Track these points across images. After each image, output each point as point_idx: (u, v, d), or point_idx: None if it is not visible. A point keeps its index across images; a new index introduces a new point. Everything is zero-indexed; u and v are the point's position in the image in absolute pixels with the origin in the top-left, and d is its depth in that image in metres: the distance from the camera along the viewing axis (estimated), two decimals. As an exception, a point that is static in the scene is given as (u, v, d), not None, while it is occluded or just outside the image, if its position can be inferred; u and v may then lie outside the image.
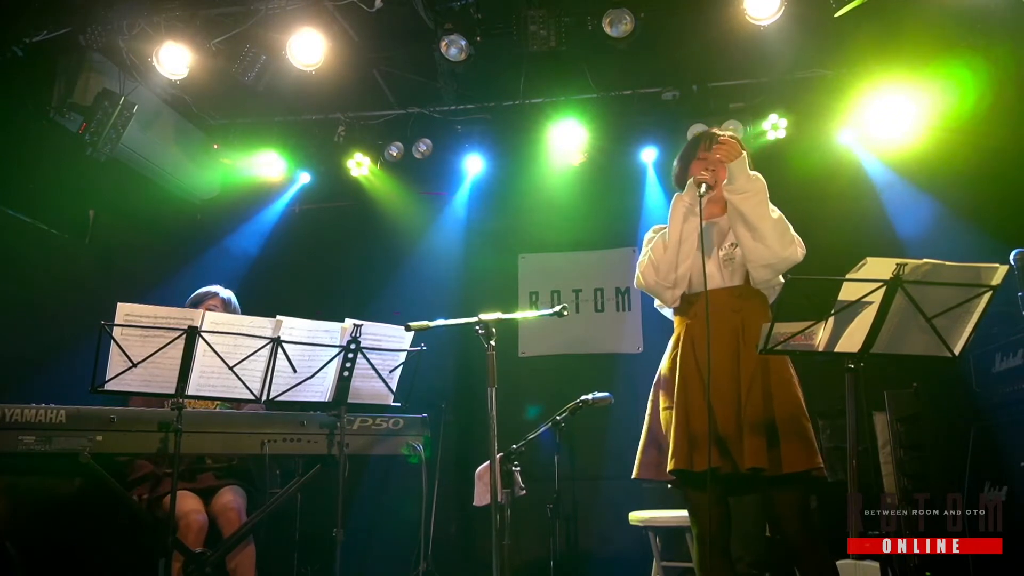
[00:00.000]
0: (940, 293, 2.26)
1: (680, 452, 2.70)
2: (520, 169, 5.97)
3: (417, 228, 6.25)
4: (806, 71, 5.29)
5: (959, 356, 2.37)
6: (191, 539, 3.51)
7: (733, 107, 5.45)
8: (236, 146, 5.83)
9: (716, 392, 2.70)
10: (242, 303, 4.21)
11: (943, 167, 5.03)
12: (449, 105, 5.61)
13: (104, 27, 4.44)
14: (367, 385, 3.51)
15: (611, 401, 3.51)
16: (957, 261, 2.27)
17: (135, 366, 3.07)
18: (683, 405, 2.75)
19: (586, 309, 6.17)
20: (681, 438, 2.71)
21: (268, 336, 3.27)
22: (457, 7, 4.34)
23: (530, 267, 6.32)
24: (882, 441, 4.84)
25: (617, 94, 5.51)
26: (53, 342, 4.55)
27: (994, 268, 2.23)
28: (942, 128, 5.06)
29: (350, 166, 5.88)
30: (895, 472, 4.71)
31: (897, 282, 2.22)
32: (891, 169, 5.31)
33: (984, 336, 4.65)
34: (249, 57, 4.50)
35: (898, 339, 2.34)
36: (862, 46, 4.98)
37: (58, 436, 3.11)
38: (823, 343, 2.36)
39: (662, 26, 4.71)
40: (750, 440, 2.65)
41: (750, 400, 2.70)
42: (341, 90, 5.36)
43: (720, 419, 2.69)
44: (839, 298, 2.29)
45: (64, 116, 4.66)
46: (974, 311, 2.29)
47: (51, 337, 4.59)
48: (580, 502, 5.12)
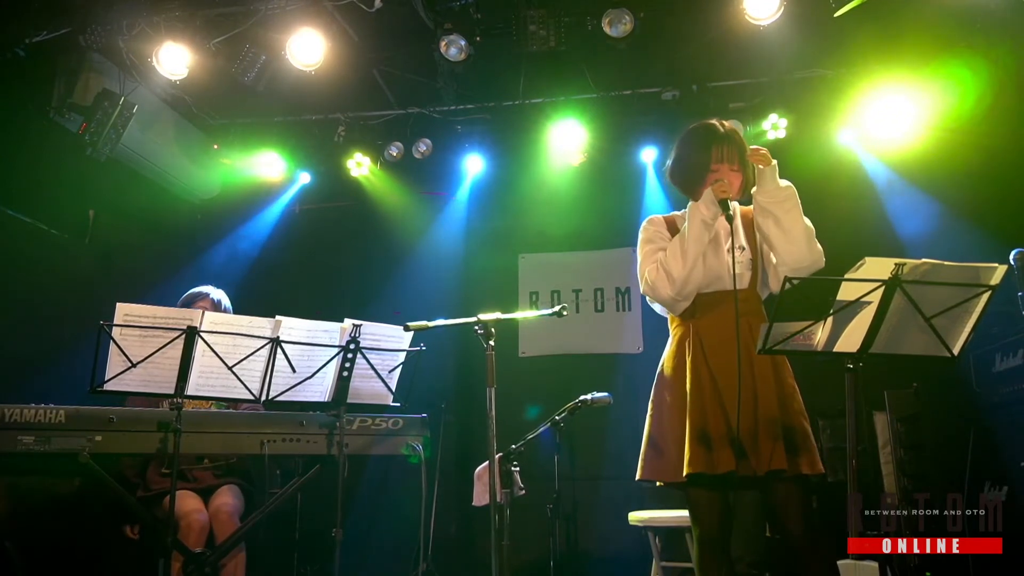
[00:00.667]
0: (939, 293, 2.26)
1: (697, 456, 2.66)
2: (520, 169, 5.96)
3: (417, 228, 6.25)
4: (806, 71, 5.28)
5: (958, 356, 2.37)
6: (192, 539, 3.52)
7: (733, 107, 5.45)
8: (236, 146, 5.83)
9: (731, 395, 2.69)
10: (242, 303, 4.21)
11: (943, 167, 5.03)
12: (449, 105, 5.61)
13: (104, 27, 4.43)
14: (366, 385, 3.51)
15: (610, 401, 3.51)
16: (957, 261, 2.26)
17: (134, 366, 3.07)
18: (698, 407, 2.72)
19: (586, 309, 6.17)
20: (696, 441, 2.68)
21: (267, 336, 3.27)
22: (457, 7, 4.33)
23: (530, 267, 6.32)
24: (882, 441, 4.84)
25: (617, 94, 5.51)
26: (53, 342, 4.55)
27: (993, 268, 2.22)
28: (942, 128, 5.06)
29: (350, 166, 5.87)
30: (895, 472, 4.71)
31: (896, 282, 2.22)
32: (891, 169, 5.31)
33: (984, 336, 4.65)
34: (249, 57, 4.50)
35: (897, 339, 2.34)
36: (862, 46, 4.98)
37: (57, 436, 3.11)
38: (822, 343, 2.35)
39: (662, 26, 4.71)
40: (769, 443, 2.64)
41: (765, 402, 2.70)
42: (341, 90, 5.36)
43: (735, 423, 2.66)
44: (838, 298, 2.28)
45: (64, 116, 4.66)
46: (973, 311, 2.29)
47: (51, 337, 4.59)
48: (580, 502, 5.12)
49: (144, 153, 5.23)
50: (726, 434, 2.66)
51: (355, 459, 3.74)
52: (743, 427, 2.65)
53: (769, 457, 2.62)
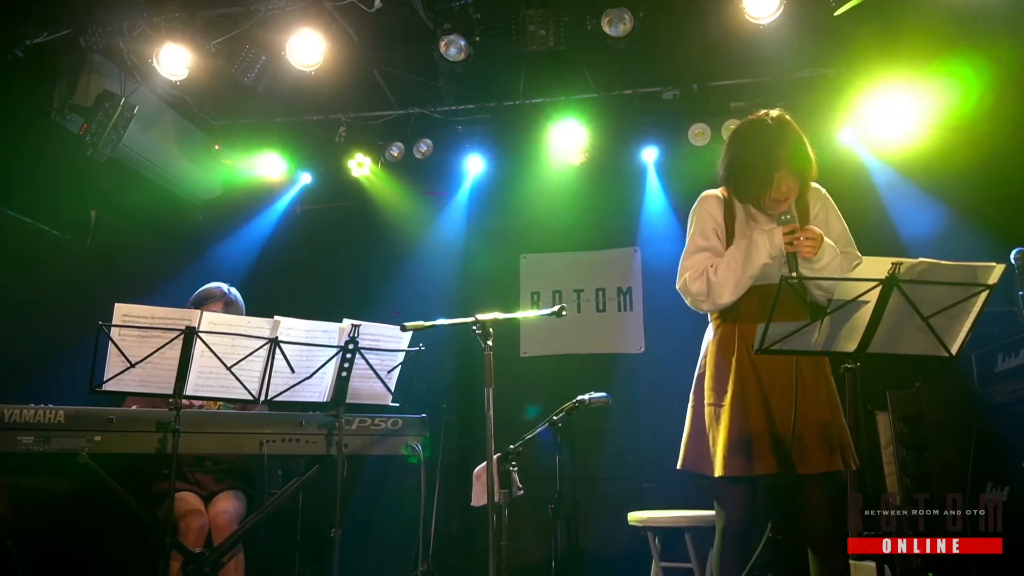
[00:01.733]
0: (936, 292, 2.25)
1: (733, 459, 2.66)
2: (521, 169, 5.96)
3: (418, 228, 6.25)
4: (806, 70, 5.27)
5: (957, 356, 2.36)
6: (191, 539, 3.51)
7: (734, 106, 5.43)
8: (237, 147, 5.84)
9: (777, 396, 2.69)
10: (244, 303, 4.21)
11: (944, 167, 5.01)
12: (450, 105, 5.61)
13: (104, 28, 4.44)
14: (366, 385, 3.51)
15: (608, 401, 3.50)
16: (959, 261, 2.25)
17: (133, 366, 3.07)
18: (739, 408, 2.71)
19: (588, 309, 6.16)
20: (735, 444, 2.68)
21: (266, 336, 3.27)
22: (456, 7, 4.33)
23: (532, 267, 6.32)
24: (884, 441, 4.83)
25: (618, 94, 5.50)
26: (54, 342, 4.56)
27: (991, 267, 2.22)
28: (944, 127, 5.04)
29: (351, 166, 5.88)
30: (897, 472, 4.71)
31: (893, 281, 2.22)
32: (892, 169, 5.28)
33: (986, 336, 4.63)
34: (249, 58, 4.50)
35: (895, 338, 2.33)
36: (862, 45, 4.96)
37: (57, 436, 3.11)
38: (820, 343, 2.35)
39: (662, 26, 4.70)
40: (817, 445, 2.65)
41: (813, 404, 2.70)
42: (342, 90, 5.37)
43: (779, 422, 2.67)
44: (835, 297, 2.28)
45: (65, 117, 4.67)
46: (971, 310, 2.28)
47: (52, 337, 4.60)
48: (580, 502, 5.12)
49: (145, 154, 5.25)
50: (769, 437, 2.66)
51: (355, 459, 3.74)
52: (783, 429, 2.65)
53: (821, 459, 2.62)
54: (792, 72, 5.27)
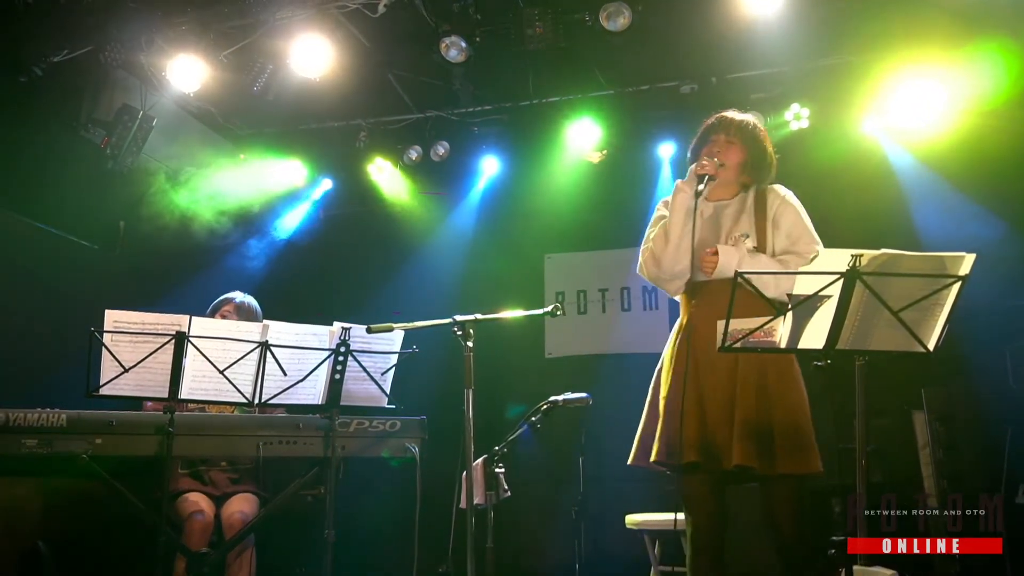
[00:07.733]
0: (905, 285, 2.14)
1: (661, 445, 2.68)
2: (540, 169, 5.90)
3: (440, 230, 6.27)
4: (828, 58, 5.07)
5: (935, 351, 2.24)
6: (195, 539, 3.58)
7: (754, 98, 5.26)
8: (261, 155, 5.94)
9: (710, 386, 2.64)
10: (266, 308, 4.28)
11: (974, 156, 4.73)
12: (466, 107, 5.61)
13: (122, 44, 4.57)
14: (359, 387, 3.54)
15: (589, 402, 3.43)
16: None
17: (126, 371, 3.16)
18: (672, 396, 2.71)
19: (612, 308, 6.09)
20: (664, 430, 2.69)
21: (256, 340, 3.31)
22: (456, 8, 4.32)
23: (556, 267, 6.28)
24: (922, 442, 4.65)
25: (634, 89, 5.41)
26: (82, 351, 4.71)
27: (960, 257, 2.10)
28: (976, 113, 4.78)
29: (371, 171, 5.94)
30: (935, 474, 4.53)
31: (855, 274, 2.12)
32: (918, 159, 5.03)
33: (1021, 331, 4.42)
34: (256, 67, 4.58)
35: (864, 334, 2.23)
36: (887, 28, 4.73)
37: (59, 439, 3.24)
38: (784, 339, 2.26)
39: (673, 18, 4.61)
40: (739, 440, 2.58)
41: (744, 398, 2.63)
42: (360, 96, 5.42)
43: (710, 415, 2.64)
44: (795, 292, 2.19)
45: (89, 132, 4.85)
46: (944, 303, 2.16)
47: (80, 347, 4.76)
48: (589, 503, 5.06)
49: (170, 164, 5.39)
50: (696, 427, 2.62)
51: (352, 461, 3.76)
52: (714, 421, 2.63)
53: (741, 453, 2.55)
54: (813, 60, 5.09)
